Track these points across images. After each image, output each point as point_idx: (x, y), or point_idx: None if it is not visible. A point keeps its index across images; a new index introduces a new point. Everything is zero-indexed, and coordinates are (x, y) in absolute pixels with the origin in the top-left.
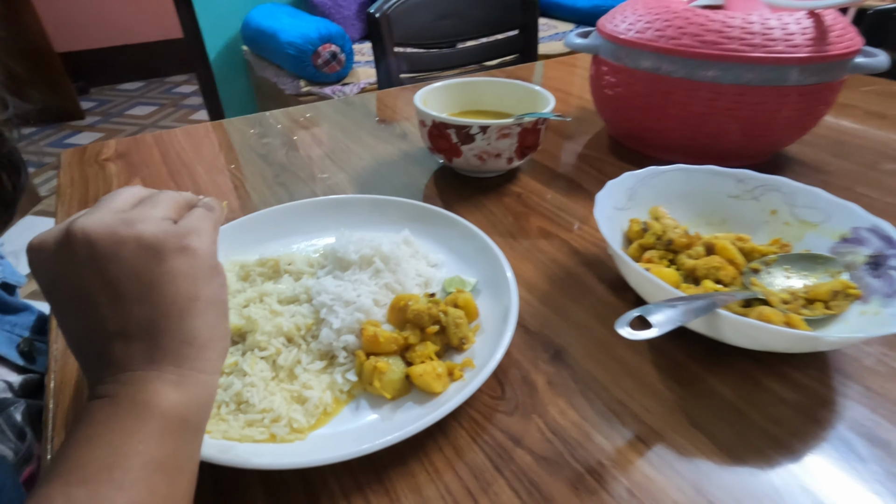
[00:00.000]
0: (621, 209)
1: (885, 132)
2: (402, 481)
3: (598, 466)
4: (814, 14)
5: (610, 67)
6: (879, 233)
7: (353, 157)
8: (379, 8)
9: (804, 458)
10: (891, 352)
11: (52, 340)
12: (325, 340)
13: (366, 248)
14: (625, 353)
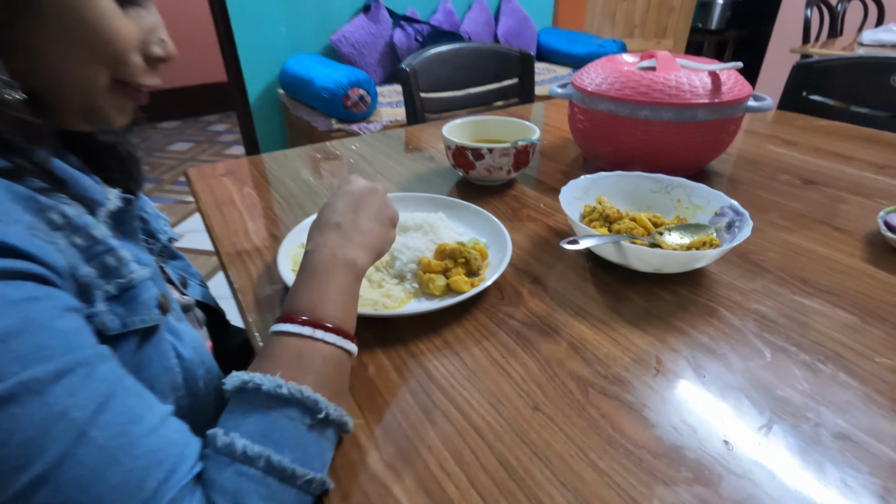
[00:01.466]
0: (578, 199)
1: (792, 154)
2: (447, 335)
3: (557, 328)
4: (713, 73)
5: (580, 109)
6: (734, 209)
7: (397, 173)
8: (409, 63)
9: (676, 325)
10: (731, 273)
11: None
12: (398, 267)
13: (418, 219)
14: (576, 279)
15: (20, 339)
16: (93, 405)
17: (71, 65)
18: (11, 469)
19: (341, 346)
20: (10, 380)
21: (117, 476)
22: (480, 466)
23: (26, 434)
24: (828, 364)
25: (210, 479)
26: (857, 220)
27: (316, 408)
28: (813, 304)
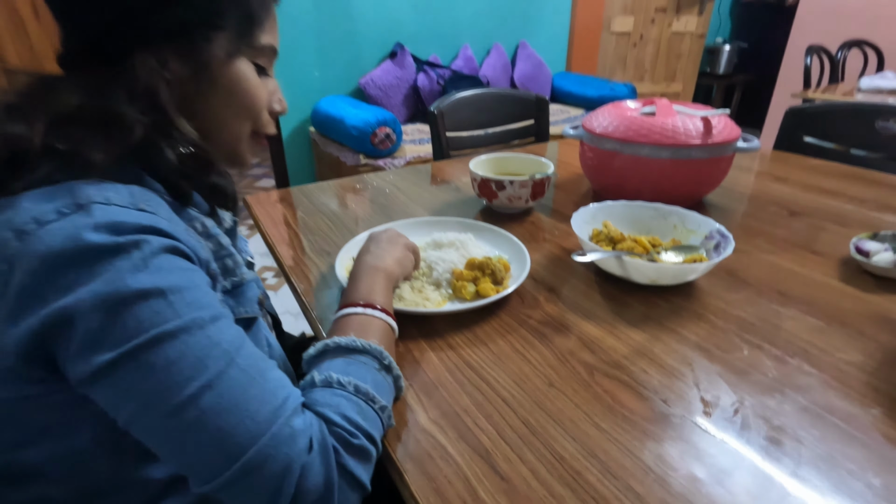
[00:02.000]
0: (587, 223)
1: (782, 189)
2: (477, 330)
3: (569, 326)
4: (705, 119)
5: (589, 148)
6: (721, 233)
7: (427, 201)
8: (437, 106)
9: (669, 326)
10: (719, 286)
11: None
12: (434, 276)
13: (451, 238)
14: (585, 289)
15: (189, 292)
16: (235, 342)
17: (229, 121)
18: (186, 378)
19: (388, 322)
20: (184, 318)
21: (256, 390)
22: (507, 425)
23: (196, 354)
24: (794, 357)
25: (314, 399)
26: (833, 245)
27: (381, 356)
28: (787, 312)
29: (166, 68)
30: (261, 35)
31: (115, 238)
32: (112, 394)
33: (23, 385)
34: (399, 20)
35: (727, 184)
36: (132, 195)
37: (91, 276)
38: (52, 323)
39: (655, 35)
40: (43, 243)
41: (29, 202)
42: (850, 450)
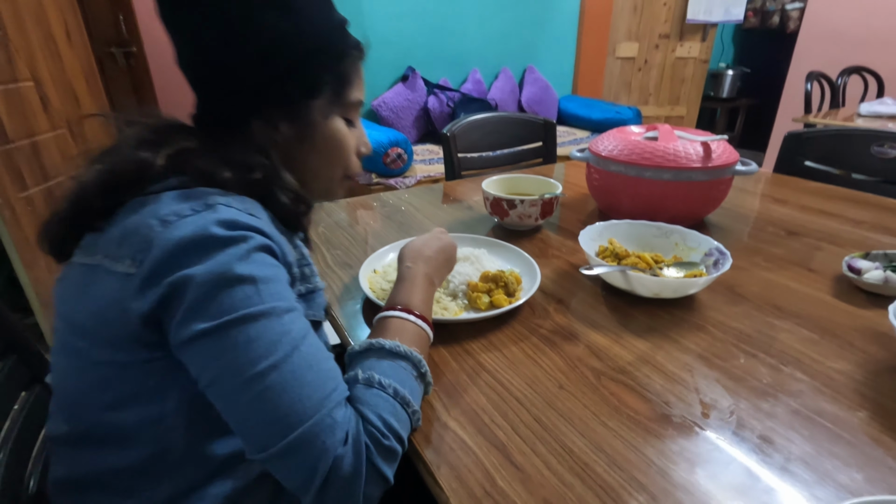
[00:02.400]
0: (594, 240)
1: (780, 210)
2: (491, 337)
3: (577, 335)
4: (704, 143)
5: (595, 170)
6: (719, 250)
7: (441, 219)
8: (449, 129)
9: (671, 336)
10: (718, 301)
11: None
12: (451, 288)
13: (466, 253)
14: (592, 301)
15: (273, 284)
16: (301, 333)
17: (323, 169)
18: (259, 356)
19: (423, 328)
20: (266, 304)
21: (312, 376)
22: (521, 421)
23: (270, 337)
24: (788, 366)
25: (356, 396)
26: (828, 264)
27: (420, 364)
28: (782, 325)
29: (276, 131)
30: (351, 93)
31: (231, 232)
32: (200, 358)
33: (137, 349)
34: (411, 45)
35: (728, 205)
36: (244, 203)
37: (208, 257)
38: (171, 289)
39: (660, 60)
40: (179, 230)
41: (170, 199)
42: (837, 448)
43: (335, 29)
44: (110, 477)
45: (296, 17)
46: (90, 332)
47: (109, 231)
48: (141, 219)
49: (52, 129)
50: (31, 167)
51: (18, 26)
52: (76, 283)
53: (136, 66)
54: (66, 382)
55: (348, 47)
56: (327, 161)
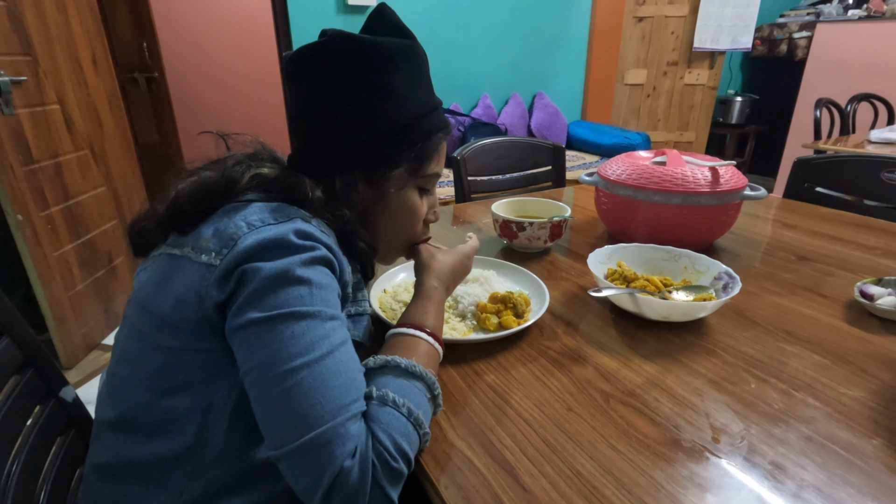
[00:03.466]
0: (603, 263)
1: (791, 235)
2: (500, 358)
3: (586, 357)
4: (713, 168)
5: (604, 194)
6: (728, 274)
7: (451, 241)
8: (459, 153)
9: (681, 360)
10: (728, 325)
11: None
12: (460, 308)
13: (475, 274)
14: (601, 324)
15: (325, 291)
16: (340, 340)
17: (390, 233)
18: (296, 353)
19: (434, 346)
20: (315, 307)
21: (338, 381)
22: (529, 443)
23: (310, 337)
24: (799, 391)
25: (369, 414)
26: (840, 289)
27: (433, 385)
28: (793, 350)
29: (355, 190)
30: (431, 167)
31: (302, 241)
32: (246, 345)
33: (204, 336)
34: None
35: (738, 230)
36: (319, 224)
37: (278, 256)
38: (241, 276)
39: (668, 87)
40: (262, 234)
41: (258, 208)
42: (851, 476)
43: (427, 112)
44: (148, 467)
45: (391, 98)
46: (164, 317)
47: (201, 229)
48: (232, 220)
49: (75, 150)
50: (54, 186)
51: (49, 53)
52: (160, 271)
53: (158, 90)
54: (125, 367)
55: (434, 129)
56: (395, 226)
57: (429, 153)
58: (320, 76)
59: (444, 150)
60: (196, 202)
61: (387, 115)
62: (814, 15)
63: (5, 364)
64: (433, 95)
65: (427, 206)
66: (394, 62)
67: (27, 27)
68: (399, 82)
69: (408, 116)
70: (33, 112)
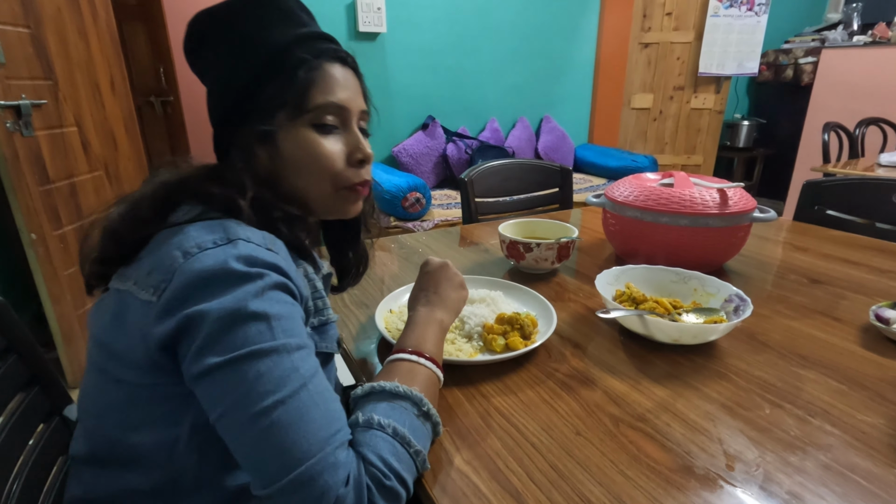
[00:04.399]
0: (611, 284)
1: (802, 258)
2: (507, 380)
3: (594, 380)
4: (721, 190)
5: (612, 215)
6: (739, 296)
7: (458, 261)
8: (467, 174)
9: (692, 384)
10: (740, 348)
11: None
12: (467, 329)
13: (482, 294)
14: (610, 346)
15: (286, 321)
16: (311, 371)
17: (305, 185)
18: (267, 391)
19: (434, 371)
20: (278, 341)
21: (318, 414)
22: (536, 468)
23: (279, 373)
24: (816, 417)
25: (357, 440)
26: (854, 313)
27: (421, 403)
28: (808, 374)
29: (256, 158)
30: (315, 97)
31: (248, 268)
32: (211, 392)
33: (155, 373)
34: (431, 96)
35: (748, 252)
36: (265, 238)
37: (225, 292)
38: (187, 321)
39: (674, 111)
40: (200, 262)
41: (195, 231)
42: None
43: (289, 43)
44: (125, 499)
45: (246, 46)
46: (117, 354)
47: (141, 261)
48: (167, 250)
49: (90, 171)
50: (68, 206)
51: (69, 77)
52: (108, 307)
53: (173, 113)
54: (91, 402)
55: (296, 56)
56: (307, 175)
57: (305, 83)
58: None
59: (336, 78)
60: (128, 231)
61: (244, 60)
62: (819, 41)
63: (12, 381)
64: (301, 28)
65: (343, 144)
66: (242, 11)
67: (49, 53)
68: (247, 28)
69: (266, 53)
70: (51, 134)
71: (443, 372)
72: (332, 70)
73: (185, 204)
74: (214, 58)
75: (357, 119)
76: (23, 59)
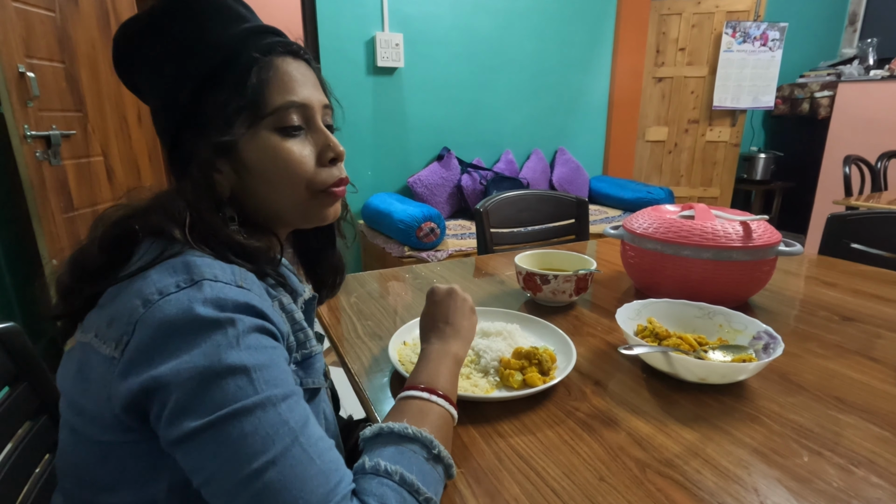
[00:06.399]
0: (632, 319)
1: (831, 293)
2: (524, 419)
3: (617, 421)
4: (744, 223)
5: (631, 247)
6: (769, 334)
7: (473, 292)
8: (482, 205)
9: (722, 427)
10: (772, 389)
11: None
12: (482, 364)
13: (499, 328)
14: (633, 384)
15: (268, 370)
16: (301, 421)
17: (280, 194)
18: (255, 452)
19: (448, 409)
20: (261, 395)
21: (314, 470)
22: None
23: (266, 430)
24: (860, 467)
25: (362, 488)
26: (891, 353)
27: (431, 445)
28: (847, 419)
29: (215, 170)
30: (273, 97)
31: (218, 314)
32: (193, 457)
33: (124, 432)
34: (447, 128)
35: (774, 287)
36: (234, 273)
37: (194, 345)
38: (152, 387)
39: (690, 144)
40: (162, 311)
41: (157, 274)
42: None
43: (235, 42)
44: None
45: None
46: (84, 411)
47: (103, 308)
48: (127, 298)
49: (114, 199)
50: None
51: (98, 109)
52: (74, 361)
53: None
54: (65, 462)
55: (243, 55)
56: (278, 184)
57: (260, 84)
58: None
59: (291, 74)
60: (77, 288)
61: (185, 68)
62: (834, 75)
63: (20, 409)
64: (244, 23)
65: (311, 145)
66: (172, 14)
67: (81, 87)
68: (183, 31)
69: (209, 56)
70: (78, 163)
71: (457, 409)
72: (285, 66)
73: (145, 241)
74: (151, 71)
75: (321, 115)
76: (56, 92)
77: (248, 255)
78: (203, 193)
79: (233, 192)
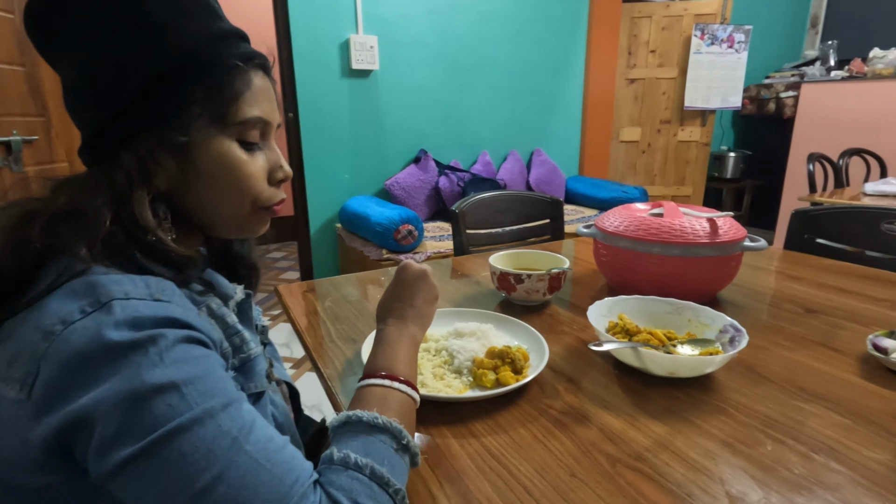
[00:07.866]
0: (604, 316)
1: (796, 287)
2: (497, 418)
3: (589, 417)
4: (710, 220)
5: (603, 246)
6: (734, 327)
7: (450, 293)
8: (458, 206)
9: (690, 419)
10: (738, 381)
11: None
12: (456, 364)
13: (472, 328)
14: (604, 381)
15: (201, 381)
16: (245, 428)
17: (222, 202)
18: (198, 471)
19: (409, 394)
20: (195, 409)
21: (264, 476)
22: None
23: (206, 445)
24: (820, 454)
25: (329, 481)
26: (852, 343)
27: (401, 435)
28: (809, 408)
29: (154, 163)
30: (243, 109)
31: (135, 334)
32: (132, 487)
33: (47, 475)
34: (424, 131)
35: (741, 282)
36: (148, 286)
37: (112, 372)
38: (73, 422)
39: (663, 144)
40: (68, 343)
41: (57, 301)
42: None
43: (213, 41)
44: None
45: (156, 31)
46: (2, 459)
47: (2, 345)
48: (26, 333)
49: None
50: None
51: (62, 114)
52: None
53: None
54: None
55: (227, 59)
56: (226, 193)
57: (231, 92)
58: (73, 25)
59: (262, 88)
60: None
61: (156, 52)
62: (798, 76)
63: None
64: (222, 22)
65: (265, 161)
66: None
67: (43, 91)
68: (160, 9)
69: (184, 48)
70: (42, 169)
71: (418, 392)
72: (258, 80)
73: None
74: (89, 37)
75: (274, 133)
76: (16, 96)
77: (172, 262)
78: (137, 185)
79: (172, 187)
